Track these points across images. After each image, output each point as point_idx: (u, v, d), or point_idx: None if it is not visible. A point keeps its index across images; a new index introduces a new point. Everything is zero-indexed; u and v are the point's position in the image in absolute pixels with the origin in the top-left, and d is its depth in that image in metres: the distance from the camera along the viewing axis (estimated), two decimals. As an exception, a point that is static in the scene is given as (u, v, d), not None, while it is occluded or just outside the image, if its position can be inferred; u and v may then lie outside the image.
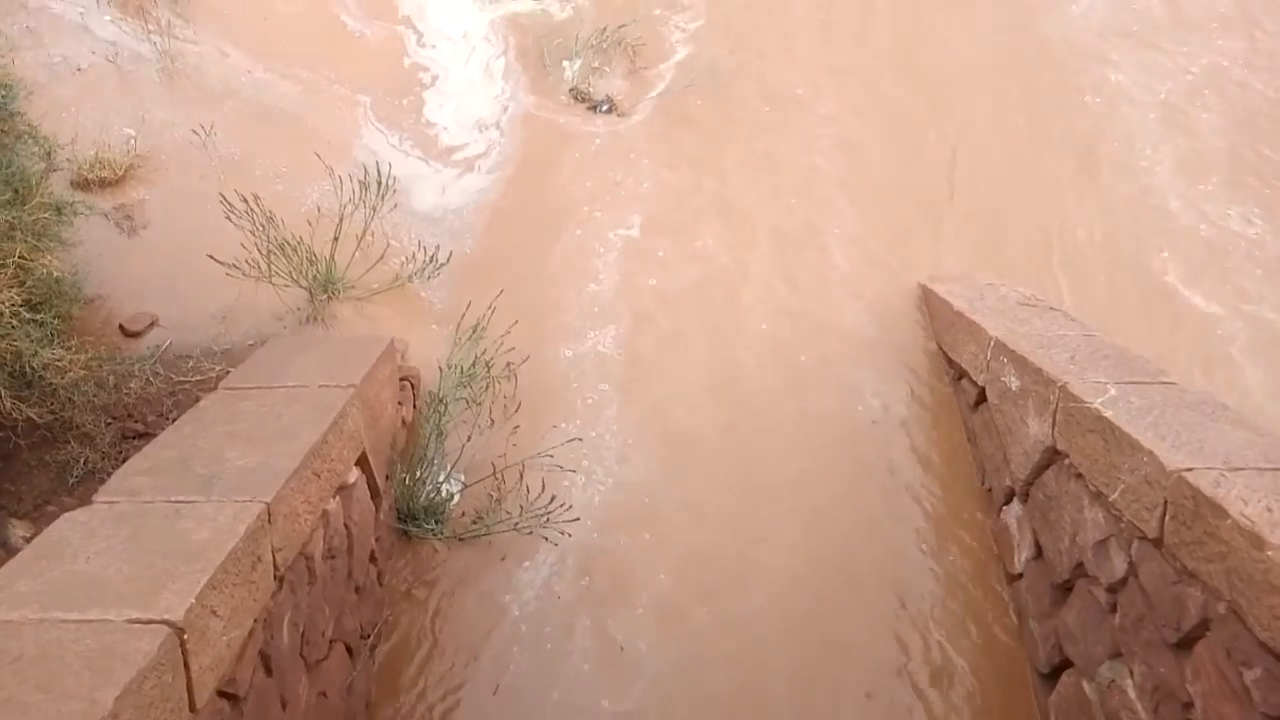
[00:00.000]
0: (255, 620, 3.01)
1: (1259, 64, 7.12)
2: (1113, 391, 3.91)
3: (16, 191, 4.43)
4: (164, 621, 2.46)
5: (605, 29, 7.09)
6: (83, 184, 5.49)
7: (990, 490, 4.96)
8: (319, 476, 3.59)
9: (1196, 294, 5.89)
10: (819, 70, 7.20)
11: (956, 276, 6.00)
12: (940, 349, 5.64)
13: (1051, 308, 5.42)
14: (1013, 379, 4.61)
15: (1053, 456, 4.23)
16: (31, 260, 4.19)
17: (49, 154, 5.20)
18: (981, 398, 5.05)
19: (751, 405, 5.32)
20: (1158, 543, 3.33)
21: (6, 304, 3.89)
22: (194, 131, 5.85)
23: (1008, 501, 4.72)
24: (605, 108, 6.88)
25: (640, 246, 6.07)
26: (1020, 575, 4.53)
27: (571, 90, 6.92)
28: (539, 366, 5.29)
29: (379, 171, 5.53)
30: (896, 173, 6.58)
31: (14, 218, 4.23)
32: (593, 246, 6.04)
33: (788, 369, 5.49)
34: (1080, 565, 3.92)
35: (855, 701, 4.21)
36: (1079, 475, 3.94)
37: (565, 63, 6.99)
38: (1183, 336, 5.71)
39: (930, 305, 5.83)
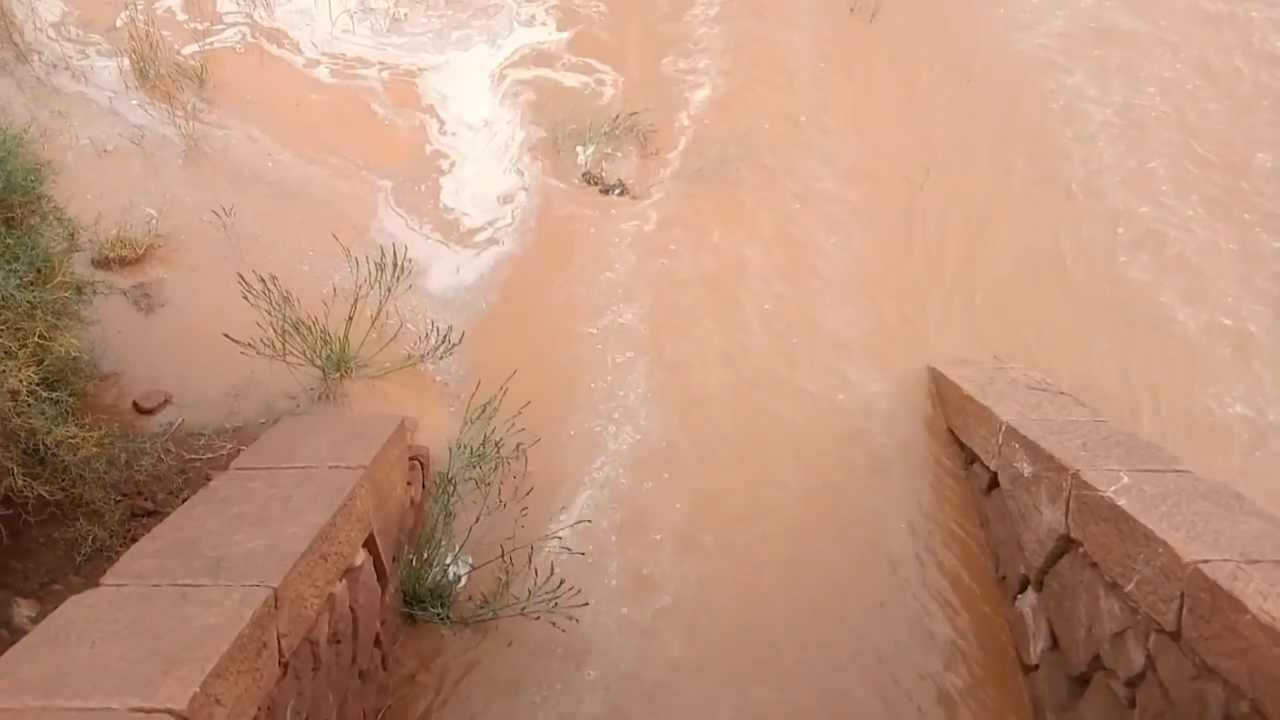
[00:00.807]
0: (259, 708, 2.96)
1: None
2: (1126, 479, 3.89)
3: (39, 271, 4.51)
4: (167, 711, 2.43)
5: (618, 116, 7.28)
6: (103, 263, 5.59)
7: (1004, 578, 4.89)
8: (326, 560, 3.57)
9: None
10: (832, 133, 7.56)
11: (966, 360, 6.03)
12: (951, 432, 5.64)
13: (1061, 392, 5.43)
14: (1025, 465, 4.58)
15: (1067, 545, 4.19)
16: (50, 339, 4.25)
17: (72, 235, 5.31)
18: (994, 483, 5.02)
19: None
20: (1176, 636, 3.27)
21: (24, 382, 3.93)
22: (214, 212, 5.97)
23: (1022, 590, 4.65)
24: (618, 191, 7.02)
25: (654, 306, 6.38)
26: (1036, 666, 4.44)
27: (585, 175, 7.07)
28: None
29: (395, 253, 5.62)
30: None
31: (35, 297, 4.30)
32: (603, 359, 6.10)
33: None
34: (1097, 657, 3.84)
35: (840, 628, 4.88)
36: (1094, 564, 3.89)
37: (579, 148, 7.16)
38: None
39: (940, 389, 5.84)
